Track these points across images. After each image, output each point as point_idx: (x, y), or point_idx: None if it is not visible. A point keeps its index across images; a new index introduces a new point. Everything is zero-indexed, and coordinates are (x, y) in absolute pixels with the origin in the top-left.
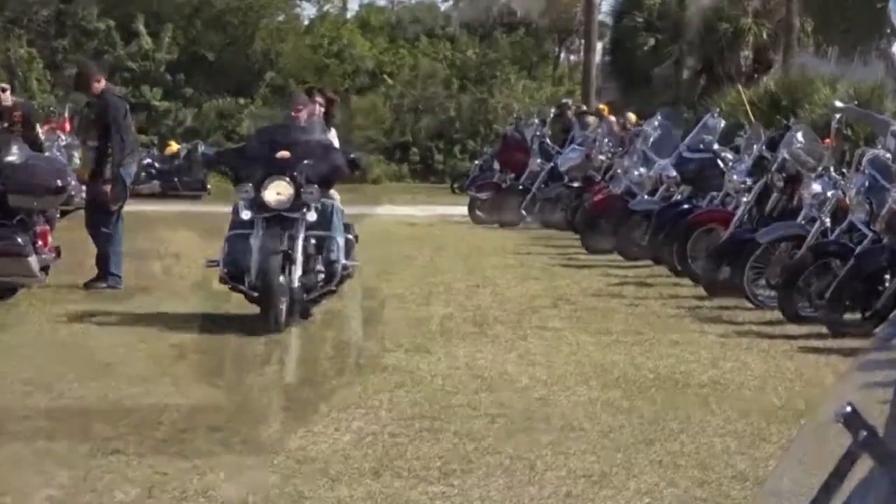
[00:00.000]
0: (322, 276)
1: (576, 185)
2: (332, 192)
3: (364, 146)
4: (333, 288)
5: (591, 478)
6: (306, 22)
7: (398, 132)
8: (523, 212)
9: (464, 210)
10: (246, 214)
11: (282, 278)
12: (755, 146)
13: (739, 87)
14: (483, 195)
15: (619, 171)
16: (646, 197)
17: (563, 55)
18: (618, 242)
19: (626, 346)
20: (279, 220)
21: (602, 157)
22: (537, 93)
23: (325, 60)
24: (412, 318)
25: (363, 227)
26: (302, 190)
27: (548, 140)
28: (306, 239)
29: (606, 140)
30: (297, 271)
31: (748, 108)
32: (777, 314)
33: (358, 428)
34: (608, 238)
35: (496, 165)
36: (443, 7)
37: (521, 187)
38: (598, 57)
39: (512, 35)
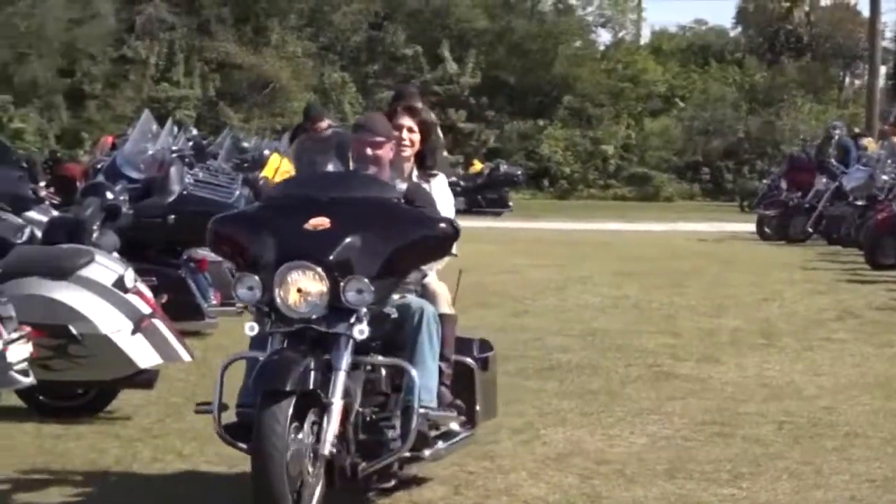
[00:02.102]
0: (392, 432)
1: (860, 203)
2: (430, 278)
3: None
4: (408, 454)
5: (874, 482)
6: (602, 48)
7: (690, 152)
8: (809, 229)
9: (751, 227)
10: (251, 329)
11: (294, 443)
12: None
13: None
14: (771, 213)
15: None
16: None
17: (847, 79)
18: None
19: None
20: (307, 339)
21: (885, 178)
22: (823, 115)
23: (619, 85)
24: (703, 329)
25: (652, 242)
26: (344, 286)
27: (832, 161)
28: (357, 370)
29: (890, 161)
30: (331, 429)
31: None
32: None
33: (652, 432)
34: (892, 254)
35: (783, 184)
36: (731, 33)
37: (807, 206)
38: (881, 81)
39: (799, 60)
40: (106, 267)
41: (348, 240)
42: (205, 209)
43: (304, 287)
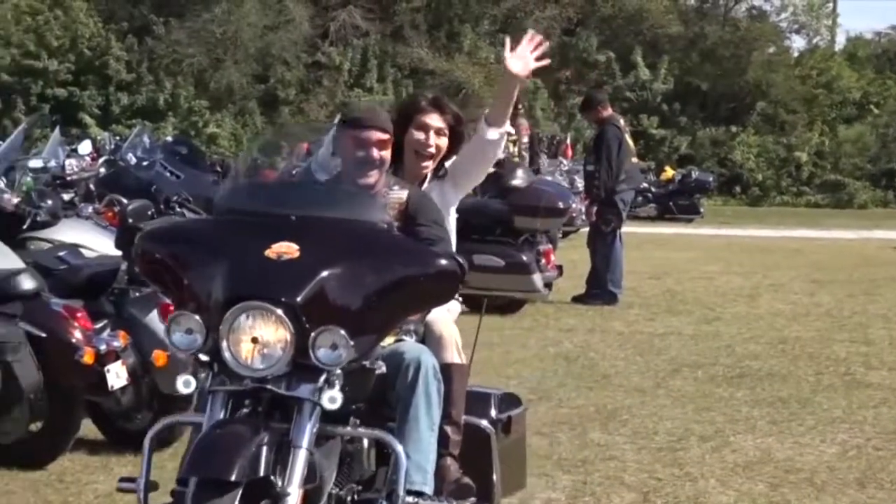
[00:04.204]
0: None
1: None
2: (435, 316)
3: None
4: None
5: None
6: (795, 54)
7: (884, 160)
8: None
9: None
10: (186, 385)
11: None
12: None
13: None
14: None
15: None
16: None
17: None
18: None
19: None
20: (260, 401)
21: None
22: None
23: (813, 91)
24: None
25: (846, 250)
26: (314, 339)
27: None
28: (332, 439)
29: None
30: None
31: None
32: None
33: (843, 441)
34: None
35: None
36: None
37: None
38: None
39: None
40: None
41: (322, 275)
42: None
43: (260, 336)
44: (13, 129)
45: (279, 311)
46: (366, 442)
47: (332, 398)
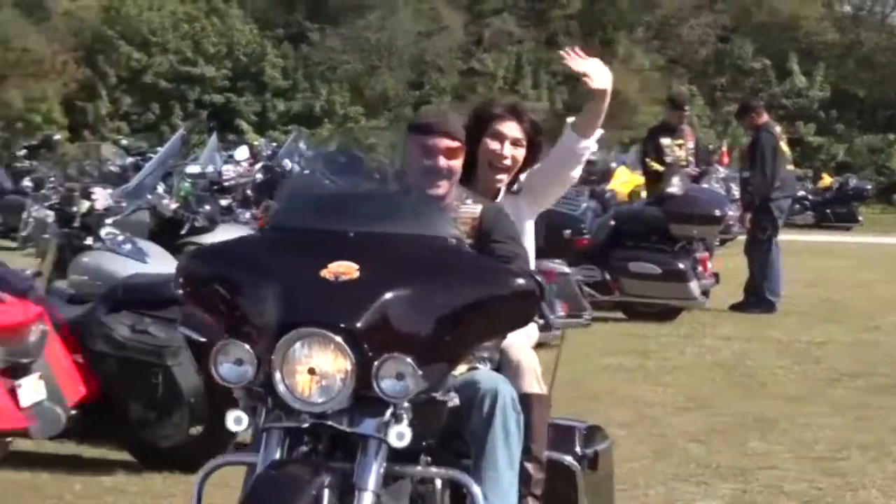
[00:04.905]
0: None
1: None
2: (512, 342)
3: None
4: None
5: None
6: None
7: None
8: None
9: None
10: (237, 422)
11: None
12: None
13: None
14: None
15: None
16: None
17: None
18: None
19: None
20: (321, 439)
21: None
22: None
23: None
24: None
25: None
26: (378, 368)
27: None
28: (401, 480)
29: None
30: None
31: None
32: None
33: None
34: None
35: None
36: None
37: None
38: None
39: None
40: None
41: (384, 298)
42: (551, 221)
43: (317, 366)
44: (171, 135)
45: (338, 339)
46: (438, 482)
47: (400, 434)
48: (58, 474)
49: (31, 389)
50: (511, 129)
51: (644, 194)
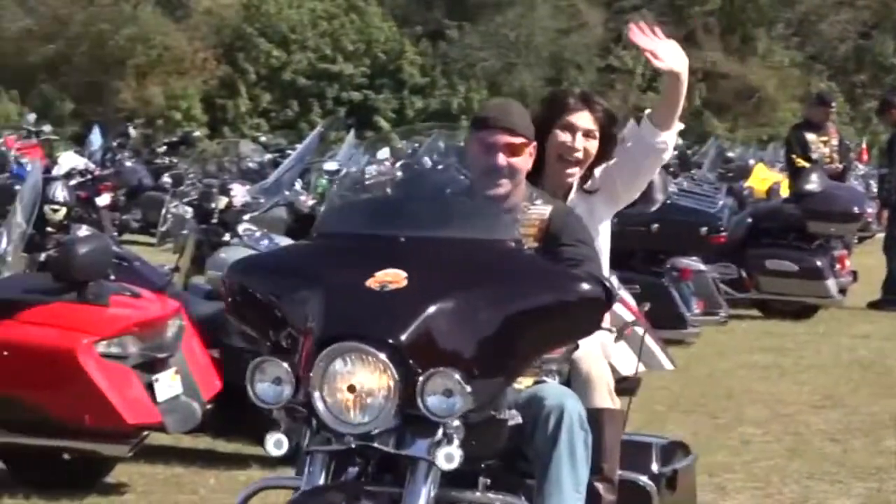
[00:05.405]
0: None
1: None
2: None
3: None
4: None
5: None
6: None
7: None
8: None
9: None
10: (278, 445)
11: None
12: None
13: None
14: None
15: None
16: None
17: None
18: None
19: None
20: (367, 462)
21: None
22: None
23: None
24: None
25: None
26: (423, 384)
27: None
28: None
29: None
30: None
31: None
32: None
33: None
34: None
35: None
36: None
37: None
38: None
39: None
40: None
41: (433, 308)
42: (689, 218)
43: (359, 383)
44: (309, 132)
45: (381, 355)
46: None
47: (449, 456)
48: (193, 468)
49: (168, 384)
50: (583, 119)
51: (787, 191)
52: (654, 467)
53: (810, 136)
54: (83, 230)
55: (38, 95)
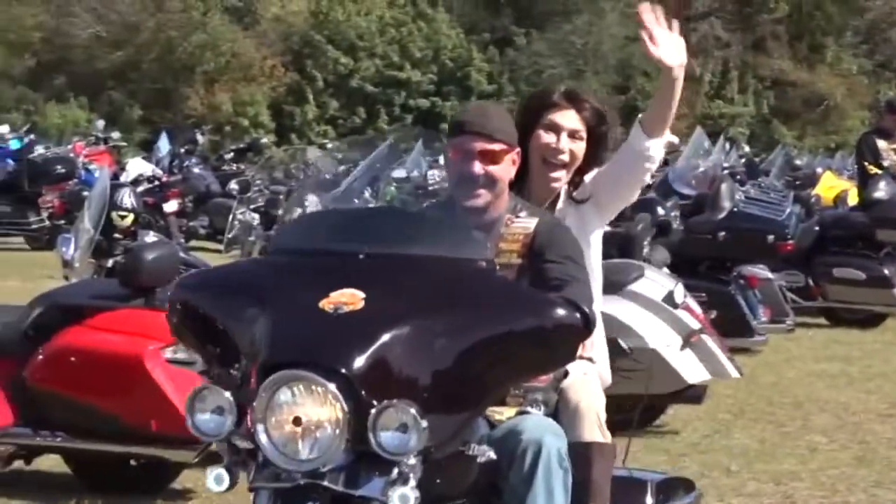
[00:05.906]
0: None
1: None
2: (573, 378)
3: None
4: None
5: None
6: None
7: None
8: None
9: None
10: (220, 483)
11: None
12: None
13: None
14: None
15: None
16: None
17: None
18: None
19: None
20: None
21: None
22: None
23: None
24: None
25: None
26: (375, 418)
27: None
28: None
29: None
30: None
31: None
32: None
33: None
34: None
35: None
36: None
37: None
38: None
39: None
40: (656, 282)
41: (389, 335)
42: (755, 226)
43: (306, 415)
44: (377, 140)
45: (330, 385)
46: None
47: (404, 497)
48: None
49: None
50: (568, 118)
51: (856, 199)
52: None
53: (881, 144)
54: (150, 236)
55: (106, 102)
